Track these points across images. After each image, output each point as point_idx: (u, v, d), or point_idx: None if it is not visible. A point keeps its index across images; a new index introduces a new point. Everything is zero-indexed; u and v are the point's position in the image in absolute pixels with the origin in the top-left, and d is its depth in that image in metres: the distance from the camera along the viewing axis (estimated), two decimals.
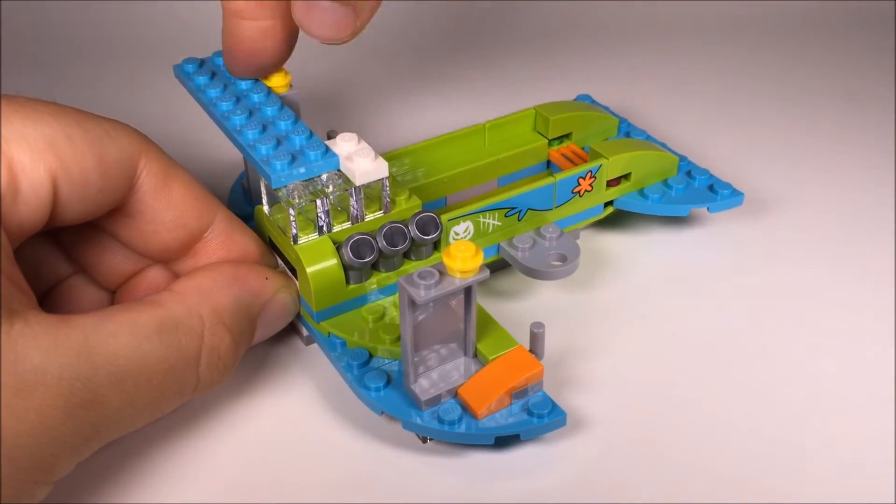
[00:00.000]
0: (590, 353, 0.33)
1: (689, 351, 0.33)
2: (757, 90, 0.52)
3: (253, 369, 0.32)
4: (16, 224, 0.25)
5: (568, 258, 0.34)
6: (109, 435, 0.25)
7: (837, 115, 0.49)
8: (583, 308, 0.35)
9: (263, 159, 0.29)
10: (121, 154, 0.27)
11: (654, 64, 0.55)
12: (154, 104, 0.47)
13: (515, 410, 0.28)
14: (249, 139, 0.30)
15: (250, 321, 0.29)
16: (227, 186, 0.39)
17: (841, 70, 0.54)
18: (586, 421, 0.30)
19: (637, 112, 0.48)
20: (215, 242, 0.31)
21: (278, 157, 0.29)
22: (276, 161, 0.29)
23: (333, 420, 0.30)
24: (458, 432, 0.28)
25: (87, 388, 0.23)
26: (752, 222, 0.40)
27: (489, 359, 0.29)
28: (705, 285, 0.36)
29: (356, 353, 0.30)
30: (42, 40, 0.56)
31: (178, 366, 0.26)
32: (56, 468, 0.24)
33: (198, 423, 0.30)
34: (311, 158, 0.30)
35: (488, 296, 0.36)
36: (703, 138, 0.46)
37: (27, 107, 0.26)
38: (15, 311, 0.23)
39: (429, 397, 0.28)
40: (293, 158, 0.29)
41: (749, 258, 0.38)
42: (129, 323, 0.25)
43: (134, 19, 0.58)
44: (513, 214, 0.34)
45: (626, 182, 0.38)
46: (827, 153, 0.45)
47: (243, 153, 0.31)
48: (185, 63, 0.35)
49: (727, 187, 0.38)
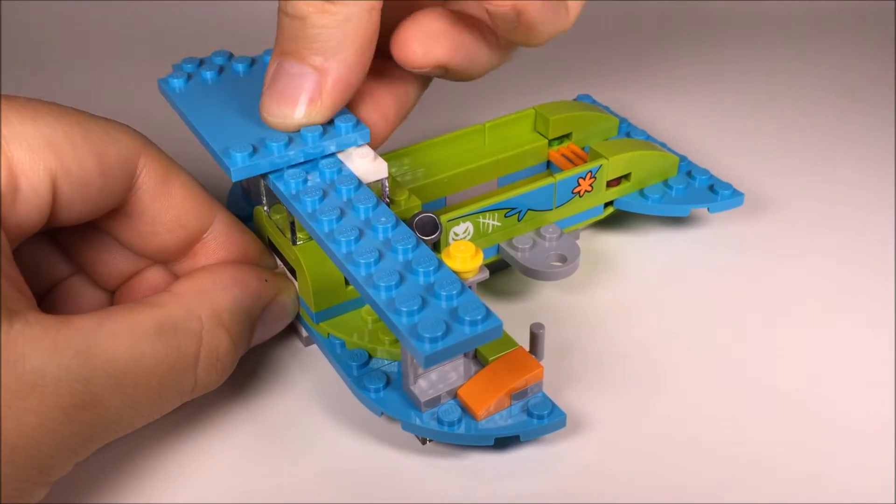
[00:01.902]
0: (590, 354, 0.33)
1: (689, 351, 0.33)
2: (758, 90, 0.52)
3: (252, 370, 0.32)
4: (15, 224, 0.25)
5: (568, 259, 0.34)
6: (108, 436, 0.25)
7: (838, 114, 0.49)
8: (583, 309, 0.35)
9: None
10: (120, 154, 0.27)
11: (654, 64, 0.55)
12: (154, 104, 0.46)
13: (515, 411, 0.28)
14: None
15: (249, 323, 0.29)
16: (227, 187, 0.39)
17: (841, 70, 0.54)
18: (586, 421, 0.30)
19: (637, 112, 0.48)
20: (215, 243, 0.31)
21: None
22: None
23: (333, 421, 0.30)
24: (458, 433, 0.28)
25: (86, 389, 0.23)
26: (752, 222, 0.40)
27: (489, 360, 0.29)
28: (705, 286, 0.36)
29: (355, 354, 0.30)
30: (41, 40, 0.56)
31: (176, 367, 0.26)
32: (55, 469, 0.24)
33: (197, 424, 0.30)
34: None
35: (488, 296, 0.36)
36: (704, 138, 0.46)
37: (27, 107, 0.26)
38: (14, 311, 0.23)
39: (428, 398, 0.28)
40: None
41: (749, 258, 0.38)
42: (129, 324, 0.25)
43: (134, 19, 0.58)
44: (513, 215, 0.34)
45: (627, 182, 0.38)
46: (827, 153, 0.45)
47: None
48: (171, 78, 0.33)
49: (728, 187, 0.38)
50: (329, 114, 0.29)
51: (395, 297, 0.24)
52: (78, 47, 0.56)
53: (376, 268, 0.25)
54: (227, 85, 0.33)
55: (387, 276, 0.24)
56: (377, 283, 0.24)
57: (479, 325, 0.24)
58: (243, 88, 0.32)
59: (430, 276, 0.25)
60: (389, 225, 0.26)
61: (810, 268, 0.37)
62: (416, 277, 0.25)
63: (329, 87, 0.28)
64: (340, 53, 0.27)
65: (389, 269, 0.25)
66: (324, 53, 0.27)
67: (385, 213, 0.27)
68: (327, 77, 0.28)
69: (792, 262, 0.38)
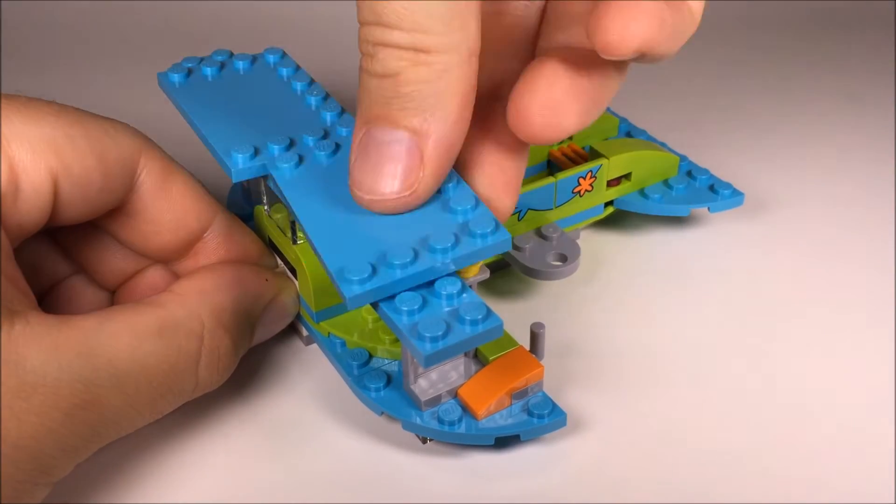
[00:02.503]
0: (590, 353, 0.33)
1: (689, 351, 0.33)
2: (758, 90, 0.52)
3: (252, 369, 0.32)
4: (16, 224, 0.25)
5: (568, 258, 0.34)
6: (109, 436, 0.25)
7: (839, 115, 0.49)
8: (583, 308, 0.35)
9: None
10: (121, 153, 0.27)
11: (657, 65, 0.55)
12: (154, 103, 0.46)
13: (515, 411, 0.28)
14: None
15: (250, 323, 0.29)
16: (227, 186, 0.39)
17: (841, 70, 0.54)
18: (586, 421, 0.30)
19: (637, 112, 0.48)
20: (215, 242, 0.31)
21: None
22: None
23: (333, 420, 0.30)
24: (458, 433, 0.28)
25: (87, 389, 0.23)
26: (752, 222, 0.40)
27: (489, 359, 0.29)
28: (706, 285, 0.36)
29: (356, 354, 0.30)
30: (42, 40, 0.56)
31: (177, 367, 0.26)
32: (56, 469, 0.24)
33: (197, 423, 0.30)
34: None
35: (488, 296, 0.36)
36: (704, 138, 0.46)
37: (28, 106, 0.26)
38: (15, 311, 0.23)
39: (429, 398, 0.28)
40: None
41: (750, 258, 0.38)
42: (130, 324, 0.25)
43: (134, 18, 0.58)
44: (513, 214, 0.34)
45: (627, 182, 0.38)
46: (829, 153, 0.45)
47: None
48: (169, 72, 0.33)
49: (728, 187, 0.38)
50: (434, 185, 0.25)
51: (395, 296, 0.24)
52: (77, 46, 0.56)
53: None
54: (228, 82, 0.33)
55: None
56: None
57: (479, 325, 0.23)
58: (244, 86, 0.32)
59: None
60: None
61: (811, 268, 0.37)
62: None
63: (430, 150, 0.24)
64: (440, 111, 0.23)
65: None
66: (422, 113, 0.23)
67: None
68: (427, 140, 0.23)
69: (793, 263, 0.38)
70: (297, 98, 0.32)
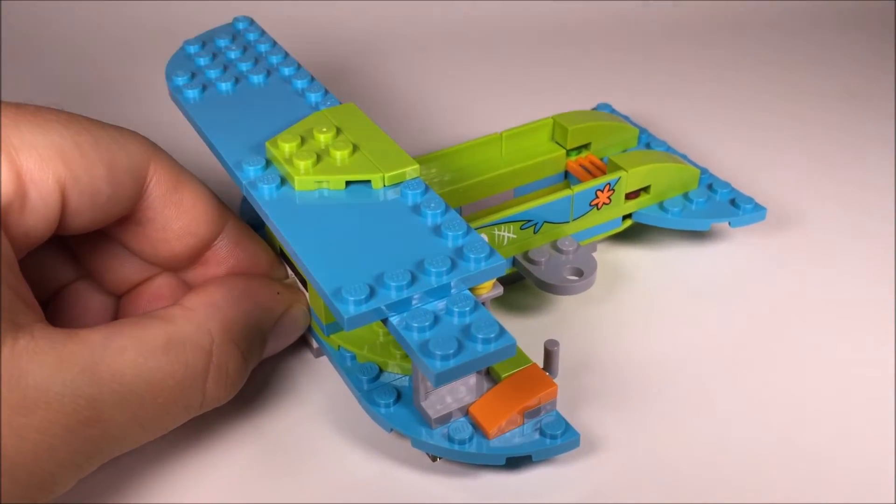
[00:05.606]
0: (606, 372, 0.32)
1: (709, 371, 0.32)
2: (783, 102, 0.51)
3: (262, 381, 0.32)
4: (23, 233, 0.25)
5: (585, 272, 0.33)
6: (112, 452, 0.25)
7: (867, 129, 0.48)
8: (599, 324, 0.34)
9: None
10: (130, 162, 0.27)
11: (675, 73, 0.54)
12: (163, 111, 0.46)
13: (527, 430, 0.28)
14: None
15: (261, 337, 0.29)
16: (238, 195, 0.39)
17: (872, 80, 0.53)
18: (601, 441, 0.29)
19: (658, 122, 0.47)
20: (225, 251, 0.30)
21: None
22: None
23: (342, 435, 0.30)
24: (469, 452, 0.27)
25: (90, 405, 0.23)
26: (775, 238, 0.39)
27: (502, 376, 0.28)
28: (726, 303, 0.36)
29: (366, 368, 0.30)
30: (48, 46, 0.56)
31: (184, 383, 0.26)
32: (56, 486, 0.23)
33: (205, 435, 0.30)
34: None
35: (502, 311, 0.35)
36: (726, 150, 0.45)
37: (36, 115, 0.26)
38: (20, 325, 0.23)
39: (439, 415, 0.27)
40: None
41: (772, 275, 0.37)
42: (137, 339, 0.25)
43: (144, 24, 0.57)
44: (528, 227, 0.34)
45: (646, 195, 0.37)
46: (854, 168, 0.44)
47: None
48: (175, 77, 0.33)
49: (749, 201, 0.37)
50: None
51: (406, 312, 0.24)
52: (86, 53, 0.55)
53: None
54: (241, 95, 0.32)
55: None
56: None
57: (491, 344, 0.23)
58: (257, 98, 0.32)
59: None
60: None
61: (836, 285, 0.36)
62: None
63: None
64: None
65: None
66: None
67: None
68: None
69: (816, 280, 0.37)
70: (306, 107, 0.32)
